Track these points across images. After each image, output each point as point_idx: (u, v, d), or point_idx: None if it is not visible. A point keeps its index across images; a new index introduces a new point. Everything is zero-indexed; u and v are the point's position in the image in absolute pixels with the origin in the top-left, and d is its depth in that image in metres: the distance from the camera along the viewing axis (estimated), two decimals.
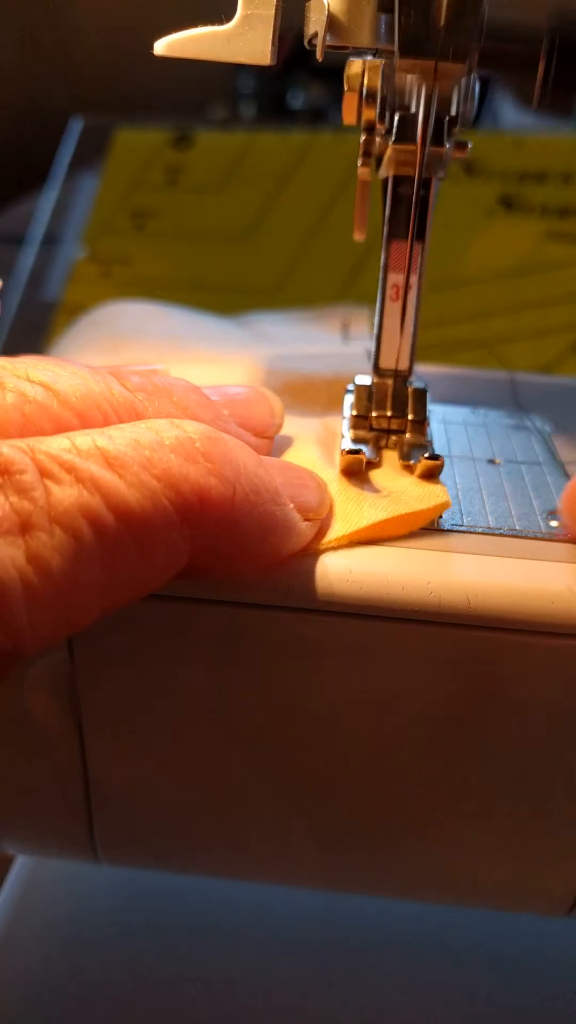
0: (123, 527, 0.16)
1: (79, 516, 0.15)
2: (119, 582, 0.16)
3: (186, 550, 0.17)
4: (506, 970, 0.29)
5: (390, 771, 0.23)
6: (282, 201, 0.56)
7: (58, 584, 0.15)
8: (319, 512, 0.21)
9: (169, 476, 0.17)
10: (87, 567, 0.15)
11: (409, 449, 0.24)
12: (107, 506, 0.16)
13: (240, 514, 0.18)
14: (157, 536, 0.16)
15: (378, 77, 0.22)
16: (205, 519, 0.17)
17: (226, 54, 0.22)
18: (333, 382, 0.28)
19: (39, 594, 0.15)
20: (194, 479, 0.17)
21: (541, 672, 0.21)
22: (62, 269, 0.55)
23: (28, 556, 0.15)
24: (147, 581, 0.17)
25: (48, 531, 0.15)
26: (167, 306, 0.37)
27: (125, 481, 0.16)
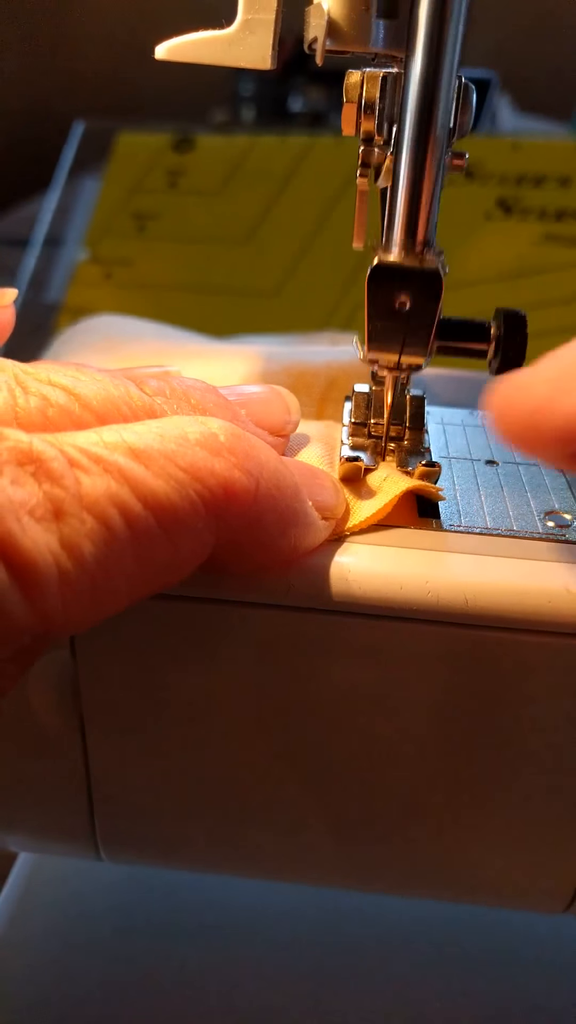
0: (151, 516, 0.16)
1: (109, 505, 0.16)
2: (147, 571, 0.16)
3: (210, 541, 0.17)
4: (506, 968, 0.29)
5: (388, 769, 0.23)
6: (282, 204, 0.57)
7: (90, 570, 0.15)
8: (335, 511, 0.21)
9: (195, 469, 0.17)
10: (118, 555, 0.16)
11: (407, 456, 0.24)
12: (135, 496, 0.16)
13: (263, 508, 0.18)
14: (184, 526, 0.17)
15: (376, 88, 0.22)
16: (229, 511, 0.18)
17: (227, 58, 0.22)
18: (332, 364, 0.28)
19: (72, 579, 0.15)
20: (219, 472, 0.17)
21: (538, 671, 0.21)
22: (64, 271, 0.55)
23: (62, 542, 0.15)
24: (173, 571, 0.17)
25: (80, 518, 0.15)
26: (151, 321, 0.37)
27: (152, 472, 0.16)
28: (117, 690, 0.22)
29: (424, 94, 0.21)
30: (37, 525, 0.15)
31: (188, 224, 0.57)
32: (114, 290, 0.55)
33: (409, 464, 0.24)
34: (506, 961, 0.30)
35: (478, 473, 0.25)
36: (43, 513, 0.15)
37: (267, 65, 0.22)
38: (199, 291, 0.55)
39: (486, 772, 0.23)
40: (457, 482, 0.24)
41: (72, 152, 0.59)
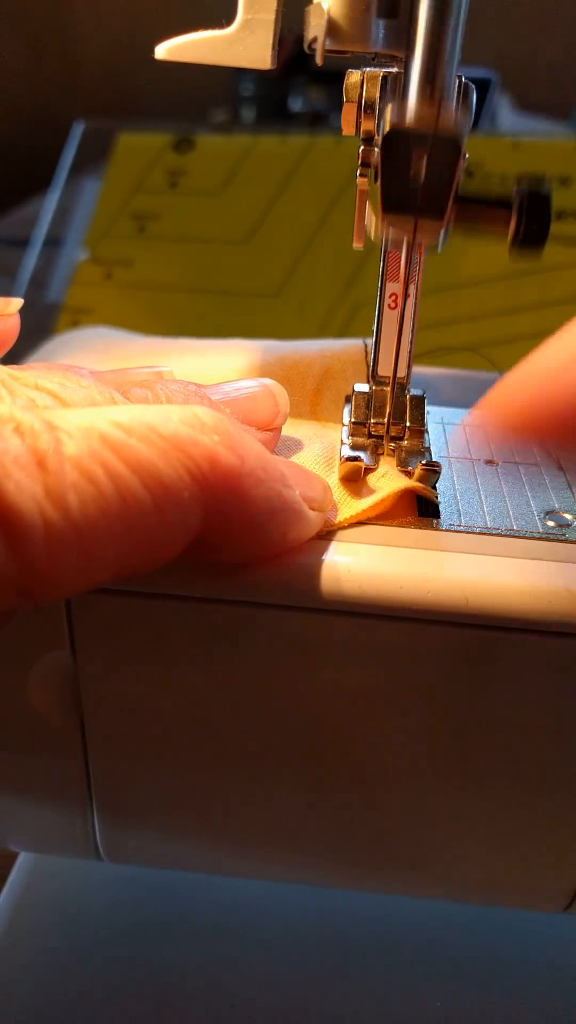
0: (136, 478, 0.16)
1: (92, 462, 0.16)
2: (135, 537, 0.16)
3: (198, 513, 0.17)
4: (507, 968, 0.29)
5: (388, 768, 0.23)
6: (282, 204, 0.57)
7: (76, 523, 0.15)
8: (323, 504, 0.21)
9: (178, 439, 0.17)
10: (103, 511, 0.16)
11: (407, 456, 0.24)
12: (118, 457, 0.16)
13: (248, 485, 0.18)
14: (169, 492, 0.17)
15: (377, 88, 0.22)
16: (215, 484, 0.17)
17: (226, 58, 0.22)
18: (325, 352, 0.28)
19: (57, 531, 0.15)
20: (203, 444, 0.17)
21: (538, 670, 0.21)
22: (64, 271, 0.55)
23: (46, 491, 0.15)
24: (162, 540, 0.17)
25: (63, 470, 0.15)
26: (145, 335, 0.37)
27: (135, 438, 0.16)
28: (118, 690, 0.22)
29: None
30: (20, 472, 0.15)
31: (188, 224, 0.57)
32: (114, 290, 0.55)
33: (409, 464, 0.24)
34: (507, 961, 0.30)
35: (478, 473, 0.25)
36: (26, 462, 0.15)
37: (267, 65, 0.22)
38: (199, 291, 0.55)
39: (486, 771, 0.23)
40: (457, 482, 0.24)
41: (72, 152, 0.59)
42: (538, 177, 0.22)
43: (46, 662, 0.22)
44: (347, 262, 0.54)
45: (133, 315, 0.54)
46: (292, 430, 0.26)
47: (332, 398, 0.27)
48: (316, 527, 0.21)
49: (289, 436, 0.26)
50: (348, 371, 0.28)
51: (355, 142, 0.24)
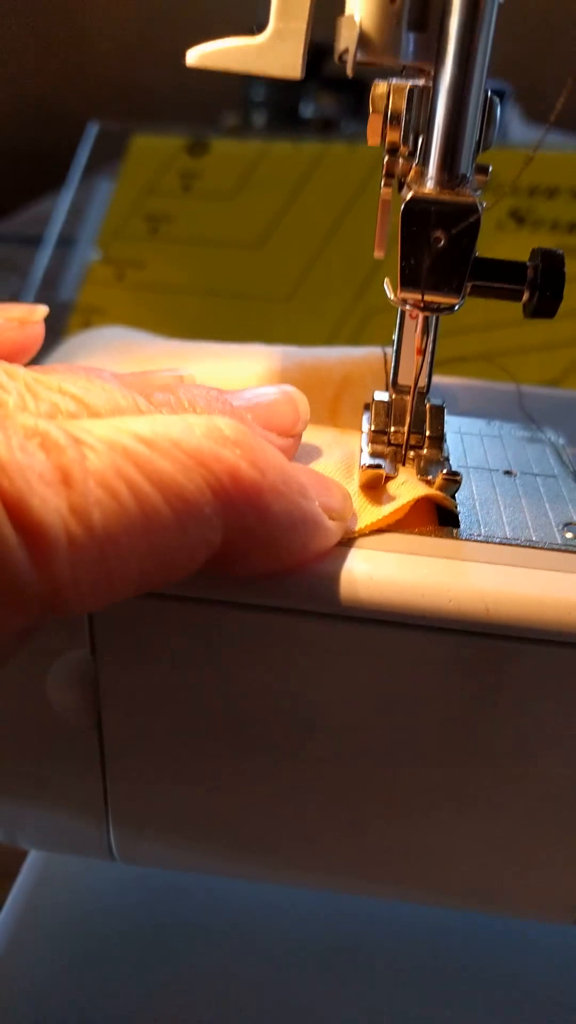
0: (158, 494, 0.16)
1: (116, 478, 0.16)
2: (157, 552, 0.16)
3: (219, 528, 0.17)
4: (513, 979, 0.30)
5: (403, 775, 0.23)
6: (295, 209, 0.57)
7: (99, 539, 0.15)
8: (343, 515, 0.21)
9: (200, 454, 0.17)
10: (126, 528, 0.16)
11: (427, 464, 0.24)
12: (141, 473, 0.16)
13: (269, 499, 0.18)
14: (191, 507, 0.17)
15: (403, 99, 0.23)
16: (236, 499, 0.18)
17: (256, 67, 0.22)
18: (345, 360, 0.28)
19: (81, 546, 0.15)
20: (225, 459, 0.17)
21: (557, 681, 0.21)
22: (76, 271, 0.55)
23: (71, 506, 0.15)
24: (183, 556, 0.17)
25: (87, 486, 0.15)
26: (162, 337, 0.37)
27: (157, 454, 0.17)
28: (136, 691, 0.23)
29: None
30: (46, 488, 0.15)
31: (200, 227, 0.57)
32: (126, 291, 0.55)
33: (430, 473, 0.24)
34: (514, 970, 0.30)
35: (496, 483, 0.25)
36: (51, 479, 0.15)
37: (296, 75, 0.22)
38: (210, 295, 0.55)
39: (501, 781, 0.23)
40: (476, 492, 0.25)
41: (86, 153, 0.59)
42: (552, 252, 0.22)
43: (66, 662, 0.22)
44: (359, 268, 0.54)
45: (144, 316, 0.54)
46: (312, 436, 0.26)
47: (351, 405, 0.28)
48: (336, 538, 0.21)
49: (309, 443, 0.26)
50: (368, 379, 0.28)
51: (368, 151, 0.24)
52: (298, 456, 0.25)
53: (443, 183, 0.21)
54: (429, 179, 0.21)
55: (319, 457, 0.25)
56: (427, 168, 0.21)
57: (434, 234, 0.21)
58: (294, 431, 0.24)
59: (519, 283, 0.23)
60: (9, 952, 0.29)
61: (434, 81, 0.21)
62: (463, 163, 0.21)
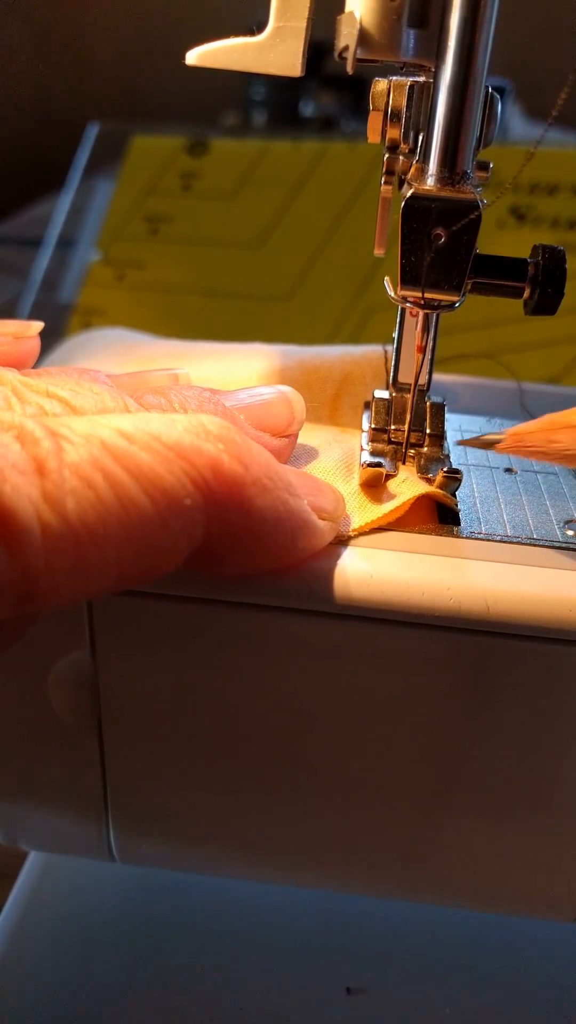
0: (136, 484, 0.16)
1: (92, 469, 0.16)
2: (135, 543, 0.16)
3: (200, 521, 0.17)
4: (515, 977, 0.29)
5: (404, 774, 0.23)
6: (295, 209, 0.57)
7: (74, 528, 0.15)
8: (334, 516, 0.21)
9: (181, 448, 0.17)
10: (103, 518, 0.15)
11: (427, 462, 0.24)
12: (119, 464, 0.16)
13: (252, 494, 0.18)
14: (171, 500, 0.17)
15: (403, 96, 0.22)
16: (218, 492, 0.17)
17: (257, 65, 0.22)
18: (345, 358, 0.28)
19: (55, 535, 0.15)
20: (207, 453, 0.17)
21: (558, 679, 0.21)
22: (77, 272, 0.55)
23: (44, 495, 0.15)
24: (164, 550, 0.17)
25: (62, 475, 0.15)
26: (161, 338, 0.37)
27: (137, 446, 0.16)
28: (136, 692, 0.23)
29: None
30: (19, 477, 0.15)
31: (201, 227, 0.57)
32: (126, 292, 0.55)
33: (430, 471, 0.24)
34: (515, 969, 0.30)
35: (497, 481, 0.25)
36: (25, 468, 0.15)
37: (297, 73, 0.22)
38: (211, 294, 0.55)
39: (501, 779, 0.23)
40: (476, 490, 0.25)
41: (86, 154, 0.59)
42: (554, 248, 0.22)
43: (66, 662, 0.22)
44: (359, 267, 0.54)
45: (145, 317, 0.54)
46: (311, 436, 0.26)
47: (351, 403, 0.28)
48: (327, 537, 0.21)
49: (307, 443, 0.26)
50: (368, 377, 0.28)
51: (368, 149, 0.24)
52: (297, 456, 0.25)
53: (444, 180, 0.21)
54: (430, 176, 0.21)
55: (318, 456, 0.25)
56: (428, 165, 0.21)
57: (435, 231, 0.21)
58: (289, 431, 0.23)
59: (520, 280, 0.23)
60: (9, 952, 0.29)
61: (435, 78, 0.21)
62: (464, 160, 0.21)
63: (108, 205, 0.58)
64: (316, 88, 0.92)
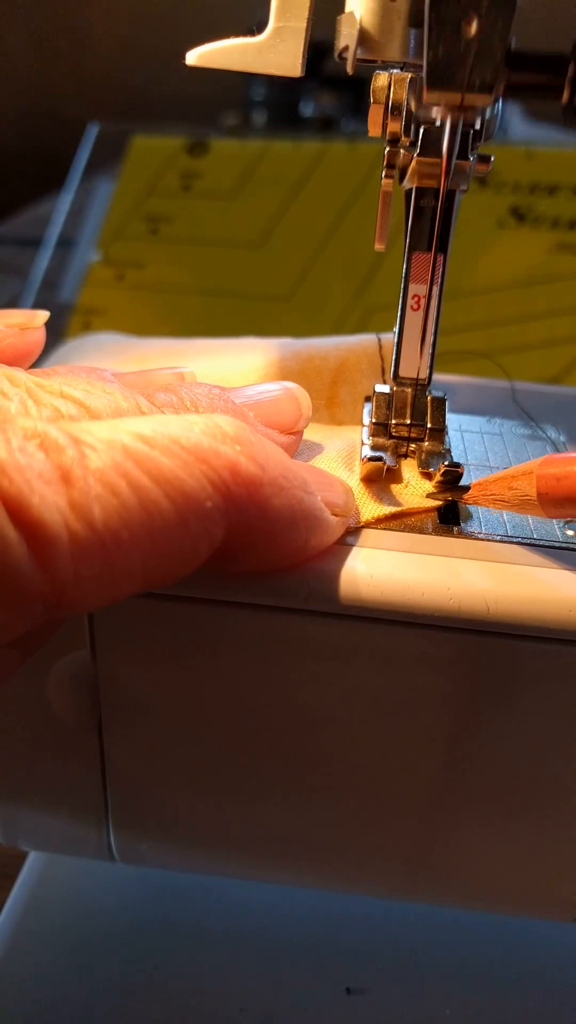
0: (158, 488, 0.16)
1: (116, 475, 0.16)
2: (159, 545, 0.16)
3: (220, 522, 0.17)
4: (514, 977, 0.29)
5: (402, 775, 0.23)
6: (295, 209, 0.57)
7: (100, 534, 0.15)
8: (345, 510, 0.21)
9: (200, 450, 0.17)
10: (127, 523, 0.16)
11: (428, 457, 0.24)
12: (141, 469, 0.16)
13: (270, 493, 0.18)
14: (192, 502, 0.17)
15: (404, 90, 0.22)
16: (236, 493, 0.18)
17: (257, 65, 0.22)
18: (340, 346, 0.29)
19: (82, 542, 0.15)
20: (225, 455, 0.18)
21: (557, 680, 0.21)
22: (77, 272, 0.55)
23: (71, 504, 0.15)
24: (186, 550, 0.17)
25: (87, 483, 0.15)
26: None
27: (157, 450, 0.17)
28: (136, 692, 0.22)
29: None
30: (46, 487, 0.15)
31: (201, 227, 0.57)
32: (126, 292, 0.55)
33: (431, 465, 0.24)
34: (516, 969, 0.30)
35: None
36: (51, 477, 0.15)
37: (297, 73, 0.22)
38: (211, 294, 0.55)
39: (501, 779, 0.23)
40: None
41: (86, 154, 0.59)
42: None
43: (66, 662, 0.22)
44: (359, 267, 0.54)
45: (144, 317, 0.54)
46: (311, 429, 0.26)
47: (348, 392, 0.28)
48: (338, 533, 0.21)
49: (307, 437, 0.26)
50: (363, 364, 0.28)
51: (369, 149, 0.24)
52: (300, 449, 0.25)
53: None
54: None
55: (319, 449, 0.25)
56: None
57: (466, 20, 0.19)
58: (296, 428, 0.24)
59: (559, 75, 0.20)
60: (9, 952, 0.29)
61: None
62: None
63: (108, 205, 0.58)
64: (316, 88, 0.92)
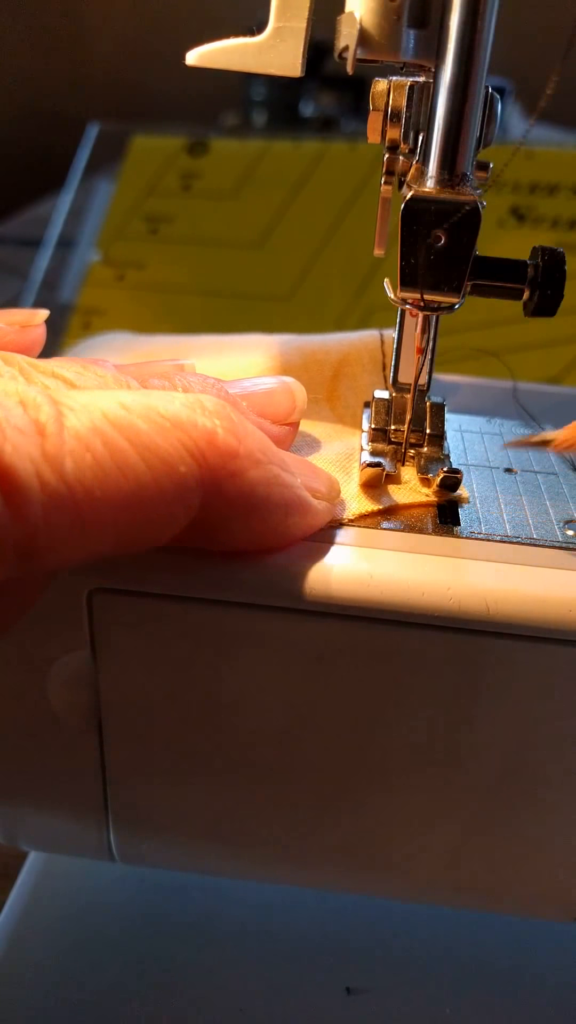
0: (133, 451, 0.17)
1: (91, 434, 0.16)
2: (133, 507, 0.17)
3: (196, 491, 0.18)
4: (514, 977, 0.29)
5: (402, 775, 0.23)
6: (295, 209, 0.57)
7: (72, 488, 0.16)
8: (328, 497, 0.22)
9: (178, 419, 0.18)
10: (100, 479, 0.16)
11: (427, 463, 0.24)
12: (117, 431, 0.17)
13: (246, 465, 0.19)
14: (167, 465, 0.17)
15: (403, 97, 0.22)
16: (212, 462, 0.18)
17: (257, 65, 0.22)
18: (343, 341, 0.29)
19: (53, 493, 0.15)
20: (202, 425, 0.18)
21: (559, 680, 0.21)
22: (77, 272, 0.55)
23: (43, 454, 0.16)
24: (162, 516, 0.17)
25: (61, 438, 0.16)
26: None
27: (135, 415, 0.17)
28: (136, 692, 0.22)
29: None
30: (19, 436, 0.15)
31: (201, 227, 0.57)
32: (126, 292, 0.55)
33: (430, 471, 0.24)
34: (516, 969, 0.30)
35: (497, 481, 0.25)
36: (26, 430, 0.16)
37: (297, 73, 0.22)
38: (211, 295, 0.55)
39: (501, 779, 0.23)
40: (476, 489, 0.25)
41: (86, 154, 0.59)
42: (553, 250, 0.23)
43: (66, 662, 0.22)
44: (359, 267, 0.54)
45: (145, 317, 0.54)
46: (312, 424, 0.27)
47: (349, 385, 0.28)
48: (321, 516, 0.21)
49: (307, 433, 0.26)
50: (364, 359, 0.28)
51: (369, 149, 0.24)
52: (298, 447, 0.25)
53: (443, 182, 0.21)
54: (429, 178, 0.21)
55: (319, 450, 0.25)
56: (427, 167, 0.21)
57: (434, 233, 0.21)
58: (290, 419, 0.24)
59: (519, 282, 0.23)
60: (9, 952, 0.29)
61: (435, 78, 0.21)
62: (464, 162, 0.21)
63: (108, 205, 0.58)
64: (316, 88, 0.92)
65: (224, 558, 0.21)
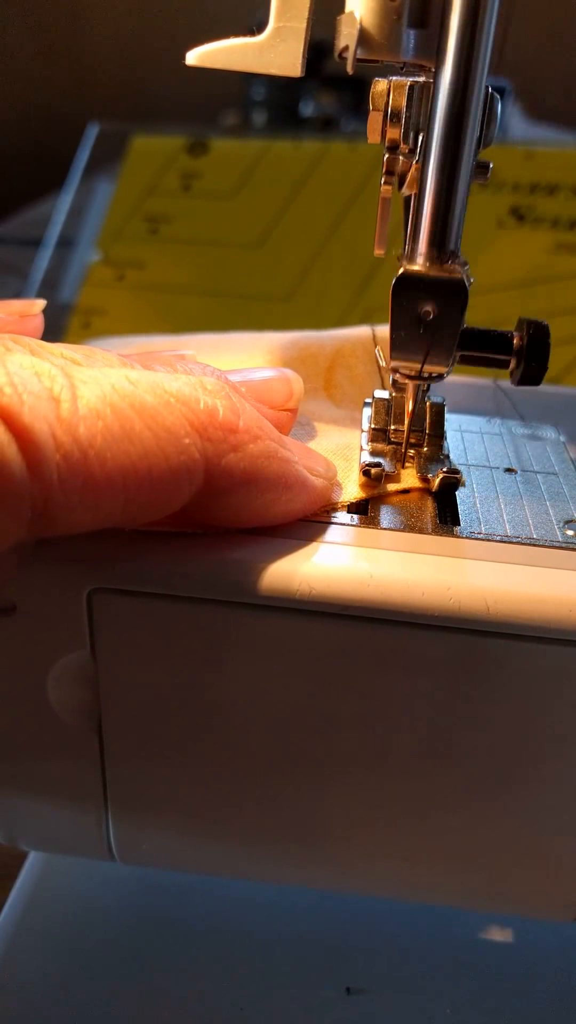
0: (140, 420, 0.18)
1: (102, 403, 0.17)
2: (140, 474, 0.18)
3: (199, 461, 0.19)
4: (515, 977, 0.29)
5: (402, 774, 0.23)
6: (295, 209, 0.57)
7: (84, 451, 0.17)
8: (326, 476, 0.23)
9: (181, 394, 0.19)
10: (110, 445, 0.17)
11: (427, 463, 0.25)
12: (125, 402, 0.18)
13: (246, 439, 0.20)
14: (171, 435, 0.18)
15: (403, 97, 0.23)
16: (214, 435, 0.19)
17: (257, 65, 0.22)
18: (337, 336, 0.30)
19: (67, 453, 0.16)
20: (204, 400, 0.19)
21: (560, 680, 0.21)
22: (77, 272, 0.55)
23: (58, 418, 0.16)
24: (167, 485, 0.18)
25: (75, 405, 0.17)
26: None
27: (141, 389, 0.18)
28: (136, 692, 0.22)
29: (454, 104, 0.21)
30: (36, 401, 0.16)
31: (201, 227, 0.57)
32: (126, 292, 0.55)
33: (429, 471, 0.24)
34: (516, 969, 0.30)
35: (497, 481, 0.25)
36: (40, 392, 0.16)
37: (297, 73, 0.22)
38: (211, 294, 0.55)
39: (501, 779, 0.23)
40: (476, 489, 0.25)
41: (86, 154, 0.59)
42: (538, 323, 0.24)
43: (66, 662, 0.22)
44: (359, 267, 0.54)
45: (145, 317, 0.54)
46: (309, 421, 0.27)
47: (344, 374, 0.29)
48: (318, 494, 0.22)
49: (306, 424, 0.27)
50: (359, 351, 0.29)
51: (369, 149, 0.25)
52: (296, 436, 0.26)
53: (432, 260, 0.22)
54: (419, 256, 0.22)
55: (316, 439, 0.26)
56: (417, 246, 0.22)
57: (424, 308, 0.22)
58: (287, 406, 0.25)
59: (506, 353, 0.24)
60: (9, 952, 0.29)
61: (435, 78, 0.21)
62: (452, 240, 0.22)
63: (108, 205, 0.58)
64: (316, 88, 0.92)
65: (224, 558, 0.21)
